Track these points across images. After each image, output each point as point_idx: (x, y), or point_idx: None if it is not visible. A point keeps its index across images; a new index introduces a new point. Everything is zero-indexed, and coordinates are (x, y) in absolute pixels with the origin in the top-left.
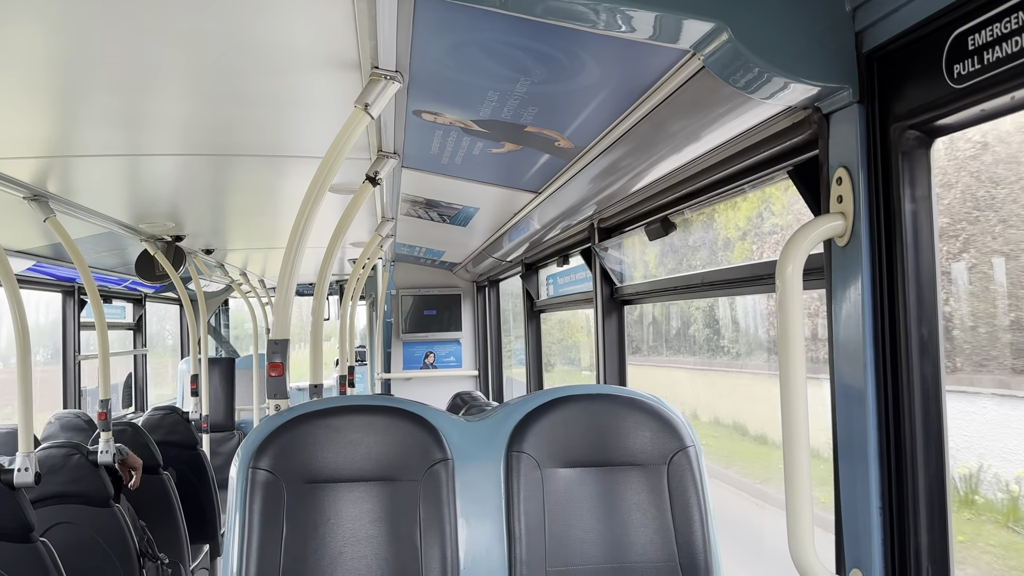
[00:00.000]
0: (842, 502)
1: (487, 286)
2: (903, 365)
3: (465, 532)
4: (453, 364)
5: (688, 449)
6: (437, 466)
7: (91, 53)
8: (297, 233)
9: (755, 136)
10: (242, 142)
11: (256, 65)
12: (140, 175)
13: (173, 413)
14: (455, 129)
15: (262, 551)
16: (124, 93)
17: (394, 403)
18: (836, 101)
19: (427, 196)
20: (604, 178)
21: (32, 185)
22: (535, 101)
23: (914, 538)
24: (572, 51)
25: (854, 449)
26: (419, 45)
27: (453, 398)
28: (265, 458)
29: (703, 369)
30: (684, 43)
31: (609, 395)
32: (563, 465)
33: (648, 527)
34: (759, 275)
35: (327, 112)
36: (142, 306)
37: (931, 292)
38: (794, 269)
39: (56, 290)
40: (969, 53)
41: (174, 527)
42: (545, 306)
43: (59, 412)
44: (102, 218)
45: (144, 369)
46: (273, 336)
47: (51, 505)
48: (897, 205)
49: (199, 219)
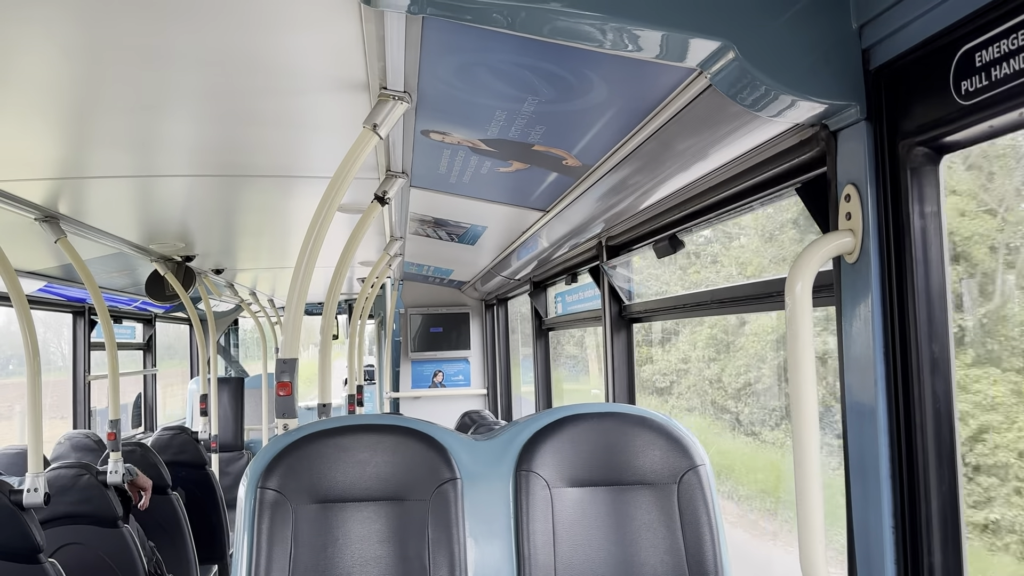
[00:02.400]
0: (854, 522)
1: (495, 304)
2: (914, 382)
3: (474, 552)
4: (462, 383)
5: (699, 468)
6: (446, 485)
7: (102, 75)
8: (306, 253)
9: (763, 154)
10: (252, 163)
11: (266, 86)
12: (151, 196)
13: (182, 433)
14: (463, 148)
15: (270, 571)
16: (135, 115)
17: (402, 422)
18: (844, 118)
19: (435, 215)
20: (612, 196)
21: (43, 206)
22: (543, 120)
23: (927, 557)
24: (579, 70)
25: (866, 468)
26: (427, 65)
27: (462, 417)
28: (273, 478)
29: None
30: (691, 62)
31: (619, 413)
32: (573, 484)
33: (658, 547)
34: (768, 292)
35: (336, 132)
36: (152, 326)
37: (941, 308)
38: (803, 286)
39: (67, 310)
40: (977, 69)
41: (183, 547)
42: (554, 324)
43: (69, 432)
44: (112, 239)
45: (154, 389)
46: (282, 355)
47: (60, 525)
48: (906, 221)
49: (209, 239)
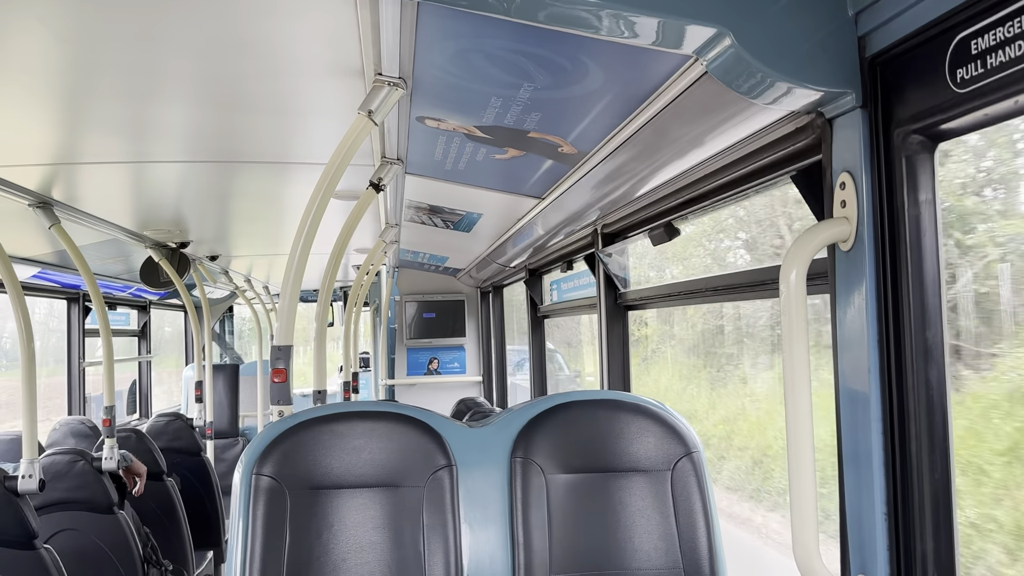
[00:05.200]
0: (847, 508)
1: (491, 292)
2: (908, 370)
3: (468, 538)
4: (457, 370)
5: (692, 455)
6: (441, 472)
7: (96, 60)
8: (301, 239)
9: (758, 141)
10: (246, 149)
11: (260, 72)
12: (145, 182)
13: (177, 420)
14: (458, 135)
15: (265, 557)
16: (129, 100)
17: (398, 409)
18: (839, 106)
19: (431, 202)
20: (607, 183)
21: (37, 192)
22: (538, 107)
23: (920, 544)
24: (575, 57)
25: (859, 455)
26: (422, 52)
27: (457, 404)
28: (268, 464)
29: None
30: (687, 48)
31: (613, 400)
32: (567, 471)
33: (652, 533)
34: (763, 280)
35: (331, 119)
36: (147, 313)
37: (935, 296)
38: (798, 274)
39: (61, 297)
40: (972, 57)
41: (178, 534)
42: (549, 311)
43: (64, 418)
44: (107, 225)
45: (148, 376)
46: (277, 342)
47: (55, 512)
48: (900, 209)
49: (204, 226)
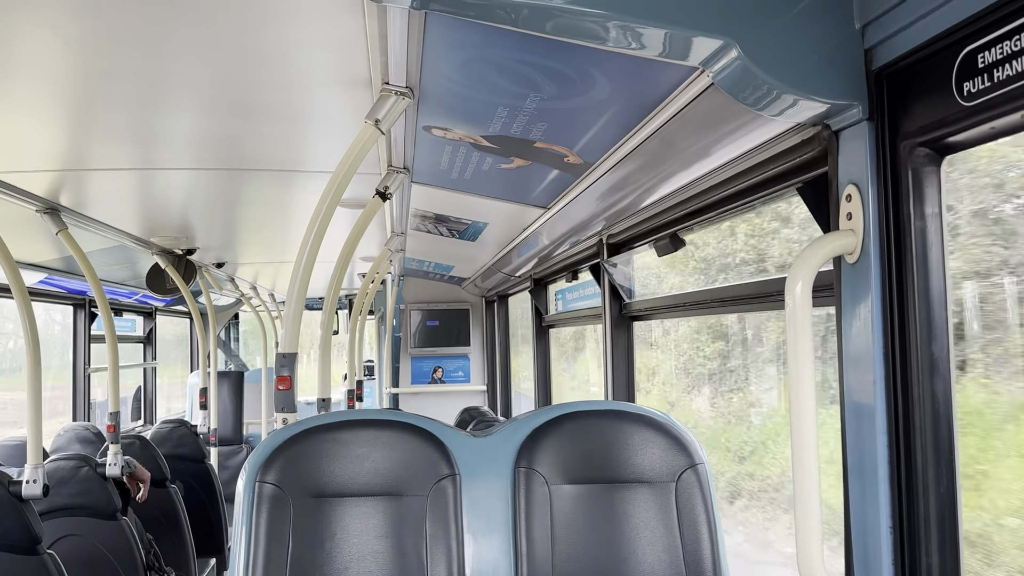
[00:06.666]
0: (852, 521)
1: (496, 301)
2: (913, 383)
3: (472, 548)
4: (462, 379)
5: (697, 467)
6: (444, 481)
7: (106, 67)
8: (307, 247)
9: (764, 153)
10: (254, 157)
11: (268, 81)
12: (152, 189)
13: (181, 426)
14: (465, 144)
15: (268, 565)
16: (137, 108)
17: (402, 418)
18: (846, 118)
19: (436, 211)
20: (613, 194)
21: (45, 198)
22: (544, 117)
23: (925, 558)
24: (582, 67)
25: (864, 468)
26: (429, 61)
27: (461, 413)
28: (272, 472)
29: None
30: (693, 60)
31: (617, 411)
32: (571, 481)
33: (656, 545)
34: (768, 292)
35: (338, 127)
36: (152, 319)
37: (941, 309)
38: (803, 286)
39: (67, 303)
40: (979, 71)
41: (181, 540)
42: (554, 321)
43: (69, 424)
44: (114, 231)
45: (153, 382)
46: (282, 349)
47: (59, 517)
48: (907, 222)
49: (210, 233)
